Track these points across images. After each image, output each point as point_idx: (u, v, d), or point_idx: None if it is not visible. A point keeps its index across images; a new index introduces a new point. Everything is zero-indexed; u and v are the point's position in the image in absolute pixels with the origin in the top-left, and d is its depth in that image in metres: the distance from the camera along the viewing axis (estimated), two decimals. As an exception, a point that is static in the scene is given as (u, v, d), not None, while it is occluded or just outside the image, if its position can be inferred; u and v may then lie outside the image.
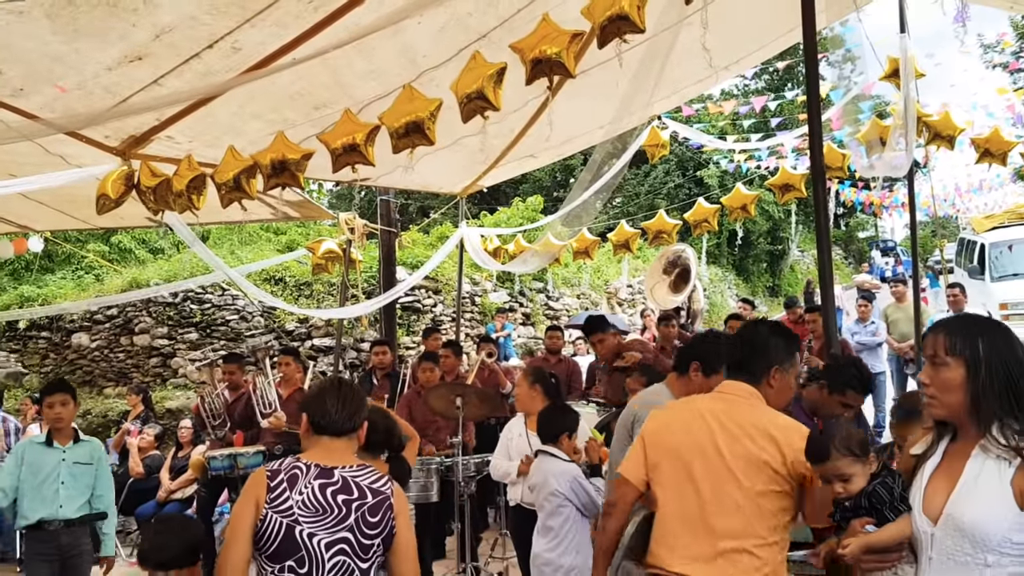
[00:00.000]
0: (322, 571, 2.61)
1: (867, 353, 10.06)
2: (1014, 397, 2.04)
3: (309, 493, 2.64)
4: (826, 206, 3.22)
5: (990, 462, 2.04)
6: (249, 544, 2.60)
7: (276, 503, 2.62)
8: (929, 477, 2.18)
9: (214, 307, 13.61)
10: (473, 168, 7.93)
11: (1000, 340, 2.12)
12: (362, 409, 2.85)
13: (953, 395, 2.11)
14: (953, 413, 2.14)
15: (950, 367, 2.12)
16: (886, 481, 2.53)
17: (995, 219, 18.99)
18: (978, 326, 2.17)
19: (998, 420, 2.04)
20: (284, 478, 2.66)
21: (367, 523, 2.68)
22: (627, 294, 20.62)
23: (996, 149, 6.25)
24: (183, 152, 4.91)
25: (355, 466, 2.77)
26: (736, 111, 14.13)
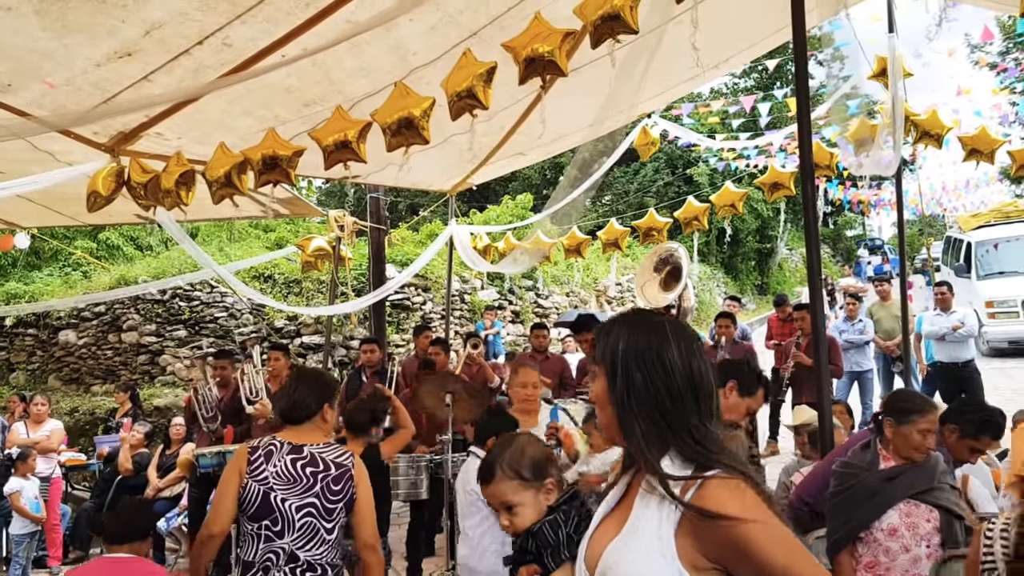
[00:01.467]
0: (292, 530, 3.18)
1: (855, 351, 10.11)
2: (662, 416, 1.58)
3: (282, 466, 3.23)
4: (815, 203, 3.23)
5: (653, 504, 1.56)
6: (234, 505, 3.19)
7: (255, 473, 3.21)
8: (602, 517, 1.69)
9: (203, 304, 13.56)
10: (463, 166, 7.93)
11: (643, 339, 1.63)
12: (320, 397, 3.37)
13: (603, 412, 1.68)
14: (610, 434, 1.67)
15: (597, 377, 1.69)
16: (556, 518, 2.08)
17: (981, 218, 19.14)
18: (624, 324, 1.69)
19: (655, 446, 1.58)
20: (262, 453, 3.25)
21: (331, 491, 3.24)
22: (616, 292, 20.65)
23: (984, 147, 6.28)
24: (172, 149, 4.90)
25: (322, 444, 3.34)
26: (725, 110, 14.18)
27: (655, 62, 5.15)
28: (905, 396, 3.75)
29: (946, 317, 9.59)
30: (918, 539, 3.26)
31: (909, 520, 3.28)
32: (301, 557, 3.18)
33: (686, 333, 1.66)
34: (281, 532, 3.17)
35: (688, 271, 9.12)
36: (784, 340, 9.21)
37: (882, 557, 3.29)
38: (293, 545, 3.17)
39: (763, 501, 1.51)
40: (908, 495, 3.30)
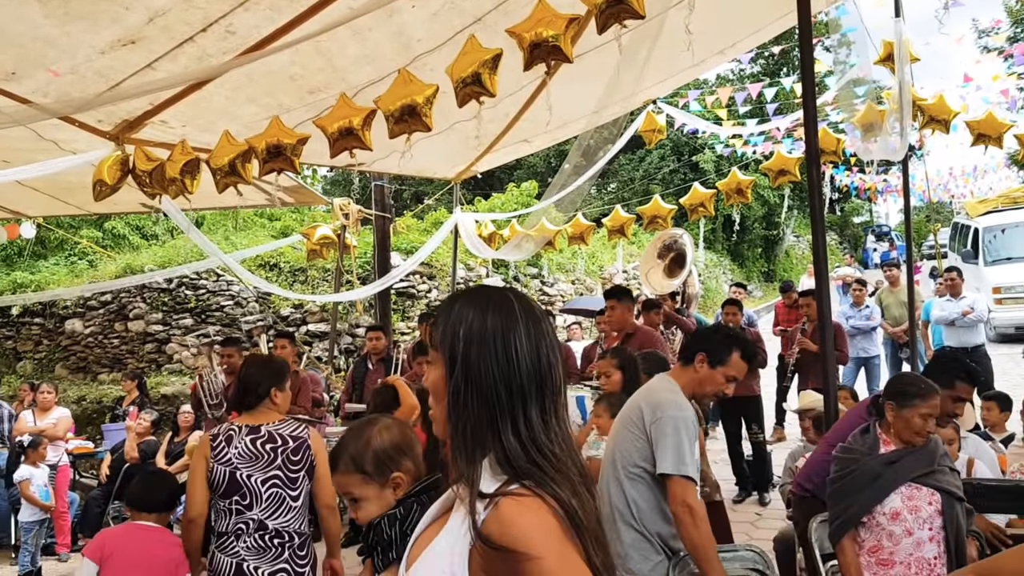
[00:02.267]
0: (260, 501, 3.55)
1: (861, 337, 10.10)
2: (493, 411, 1.34)
3: (243, 446, 3.61)
4: (820, 189, 3.21)
5: (460, 514, 1.34)
6: (205, 489, 3.59)
7: (219, 457, 3.59)
8: (429, 521, 1.48)
9: (209, 293, 13.58)
10: (467, 153, 7.92)
11: (488, 319, 1.38)
12: (269, 382, 3.71)
13: (437, 404, 1.43)
14: (439, 430, 1.44)
15: (433, 365, 1.45)
16: (395, 513, 1.97)
17: (988, 203, 19.06)
18: (467, 301, 1.43)
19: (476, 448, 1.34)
20: (223, 439, 3.64)
21: (291, 462, 3.63)
22: (622, 279, 20.63)
23: (991, 132, 6.25)
24: (177, 137, 4.90)
25: (277, 421, 3.73)
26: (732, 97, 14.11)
27: (658, 48, 5.14)
28: (908, 380, 3.75)
29: (956, 302, 9.59)
30: (920, 522, 3.27)
31: (911, 503, 3.29)
32: (270, 525, 3.55)
33: (535, 312, 1.41)
34: (250, 505, 3.54)
35: (693, 257, 9.12)
36: (790, 327, 9.20)
37: (885, 541, 3.30)
38: (262, 515, 3.54)
39: (562, 528, 1.26)
40: (910, 478, 3.31)
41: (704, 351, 3.39)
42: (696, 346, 3.45)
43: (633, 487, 3.29)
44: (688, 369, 3.43)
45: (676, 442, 3.18)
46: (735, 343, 3.41)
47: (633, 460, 3.30)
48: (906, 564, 3.27)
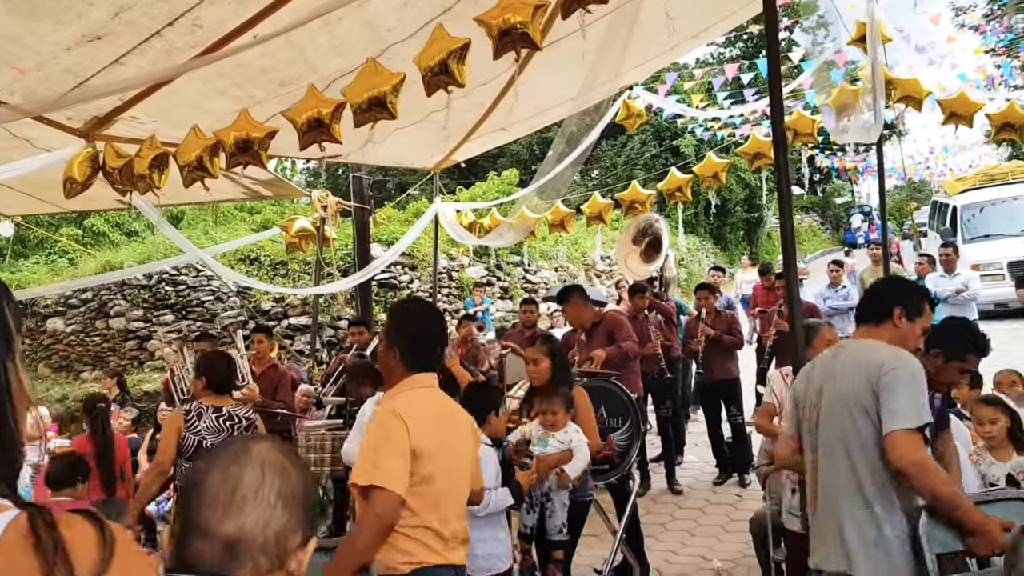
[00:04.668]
0: None
1: (839, 317, 10.17)
2: None
3: (210, 422, 4.74)
4: (787, 172, 3.22)
5: None
6: (174, 451, 4.64)
7: (191, 428, 4.70)
8: None
9: (189, 288, 13.53)
10: (445, 143, 7.89)
11: None
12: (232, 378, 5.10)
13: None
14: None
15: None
16: None
17: (967, 181, 19.17)
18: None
19: None
20: (195, 414, 4.76)
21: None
22: (604, 266, 20.67)
23: (963, 111, 6.27)
24: (148, 132, 4.86)
25: (233, 405, 4.94)
26: (709, 80, 14.13)
27: (635, 33, 5.13)
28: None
29: (950, 279, 9.66)
30: None
31: None
32: None
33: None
34: None
35: (669, 241, 9.15)
36: (768, 308, 9.25)
37: None
38: None
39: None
40: None
41: (901, 305, 3.14)
42: (889, 301, 3.18)
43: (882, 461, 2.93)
44: (885, 327, 3.15)
45: (913, 391, 2.89)
46: (922, 293, 3.26)
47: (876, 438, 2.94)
48: None
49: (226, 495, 1.29)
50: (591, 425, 4.54)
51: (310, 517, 1.36)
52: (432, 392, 3.03)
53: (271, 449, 1.37)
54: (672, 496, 7.60)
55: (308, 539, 1.35)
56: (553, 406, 4.30)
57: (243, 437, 1.27)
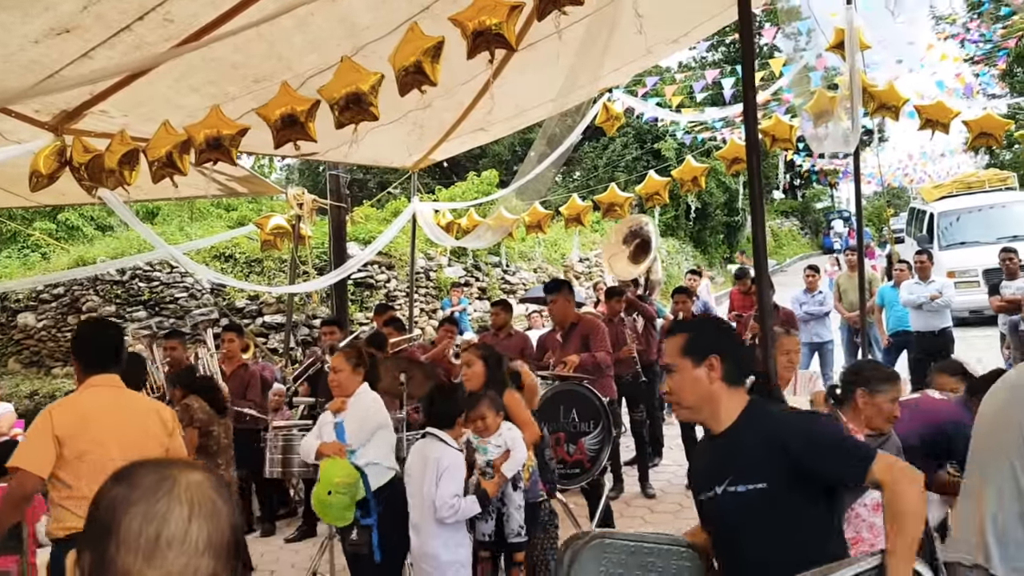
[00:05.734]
0: None
1: (815, 322, 10.24)
2: None
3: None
4: (760, 175, 3.20)
5: None
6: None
7: None
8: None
9: (163, 285, 13.39)
10: (423, 142, 7.85)
11: None
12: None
13: None
14: None
15: None
16: None
17: (944, 188, 19.35)
18: None
19: None
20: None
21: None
22: (583, 268, 20.68)
23: (940, 117, 6.32)
24: (118, 127, 4.78)
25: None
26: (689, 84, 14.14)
27: (614, 36, 5.11)
28: (874, 366, 3.77)
29: (924, 286, 9.73)
30: None
31: None
32: None
33: None
34: None
35: (657, 244, 9.15)
36: (745, 312, 9.27)
37: (865, 533, 3.28)
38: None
39: None
40: None
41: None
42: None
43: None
44: None
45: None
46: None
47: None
48: None
49: (148, 540, 1.13)
50: (525, 417, 4.49)
51: (237, 560, 1.22)
52: (101, 389, 3.68)
53: (200, 482, 1.21)
54: (645, 500, 7.59)
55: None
56: (480, 412, 4.28)
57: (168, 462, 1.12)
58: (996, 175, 19.60)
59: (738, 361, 2.53)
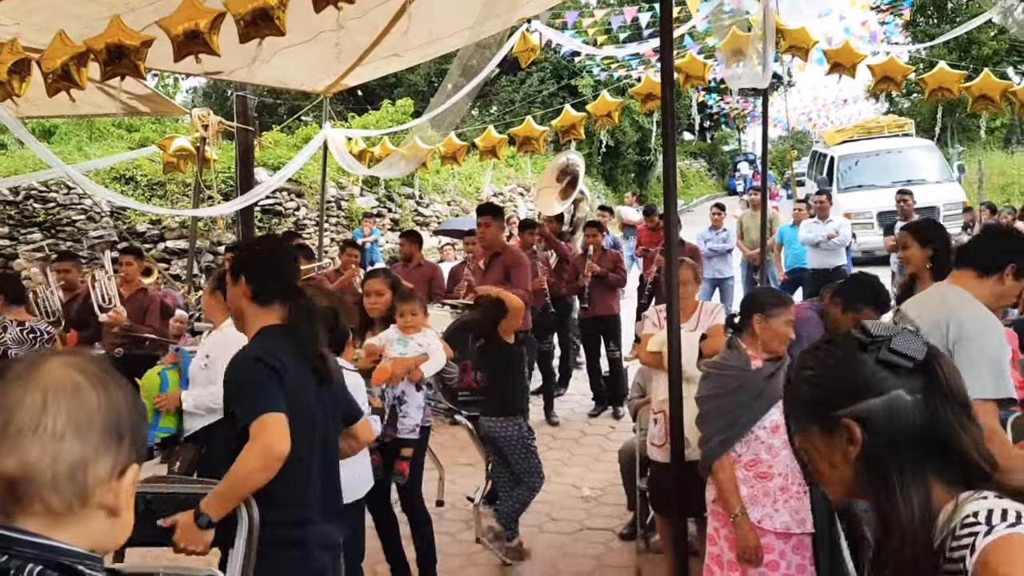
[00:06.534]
0: None
1: (717, 259, 10.59)
2: None
3: (15, 333, 5.37)
4: (673, 108, 3.25)
5: None
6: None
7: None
8: None
9: (59, 206, 12.84)
10: (336, 66, 7.63)
11: None
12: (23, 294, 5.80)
13: None
14: None
15: None
16: None
17: (845, 133, 19.95)
18: None
19: None
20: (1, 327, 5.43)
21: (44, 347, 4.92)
22: (498, 202, 20.66)
23: (846, 61, 6.48)
24: (9, 35, 4.51)
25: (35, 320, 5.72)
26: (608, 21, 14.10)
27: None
28: (766, 292, 3.93)
29: (823, 225, 10.16)
30: None
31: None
32: None
33: None
34: None
35: (583, 181, 9.19)
36: (652, 248, 9.48)
37: (764, 455, 3.39)
38: None
39: None
40: None
41: (1017, 263, 2.98)
42: (1005, 256, 3.02)
43: None
44: (989, 280, 3.01)
45: (992, 361, 2.80)
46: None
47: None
48: (783, 475, 3.39)
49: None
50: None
51: (127, 441, 1.14)
52: None
53: (62, 367, 1.12)
54: (549, 427, 7.79)
55: (127, 468, 1.14)
56: (413, 307, 4.45)
57: (28, 356, 1.08)
58: (894, 121, 20.29)
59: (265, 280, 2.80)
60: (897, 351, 1.32)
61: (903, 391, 1.31)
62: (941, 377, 1.33)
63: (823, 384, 1.39)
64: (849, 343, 1.39)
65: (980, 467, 1.30)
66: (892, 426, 1.30)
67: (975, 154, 22.90)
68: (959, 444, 1.30)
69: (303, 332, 2.76)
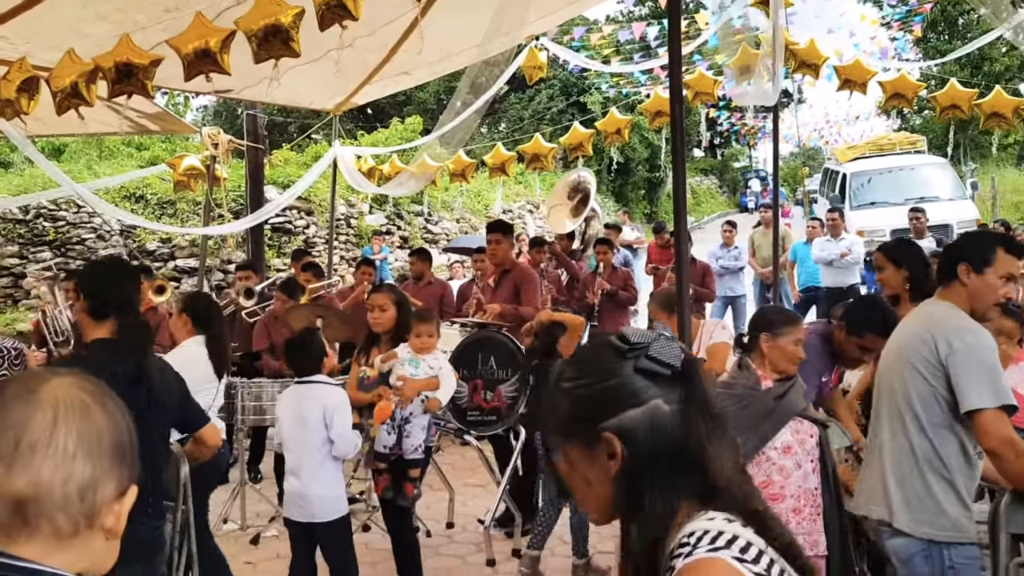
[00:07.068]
0: None
1: (729, 276, 10.52)
2: None
3: None
4: (682, 123, 3.20)
5: None
6: None
7: None
8: None
9: (69, 225, 12.89)
10: (346, 84, 7.64)
11: None
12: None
13: None
14: None
15: None
16: None
17: (857, 150, 19.86)
18: None
19: None
20: None
21: None
22: (507, 219, 20.68)
23: (857, 78, 6.45)
24: (19, 54, 4.51)
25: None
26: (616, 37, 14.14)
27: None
28: (774, 310, 3.86)
29: (835, 243, 10.06)
30: (806, 454, 3.30)
31: (799, 436, 3.30)
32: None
33: None
34: None
35: (595, 199, 9.16)
36: (662, 265, 9.43)
37: (775, 476, 3.30)
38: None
39: None
40: (796, 412, 3.32)
41: (964, 260, 3.01)
42: (954, 258, 3.08)
43: (938, 434, 2.92)
44: (954, 287, 3.05)
45: (986, 370, 2.81)
46: (994, 239, 3.13)
47: (934, 406, 2.92)
48: (795, 497, 3.30)
49: (8, 445, 1.03)
50: None
51: (128, 462, 1.12)
52: None
53: (68, 386, 1.10)
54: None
55: (127, 488, 1.12)
56: (428, 327, 4.41)
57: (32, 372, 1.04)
58: (907, 138, 20.21)
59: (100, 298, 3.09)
60: (655, 358, 1.26)
61: (661, 401, 1.25)
62: (698, 387, 1.27)
63: (582, 396, 1.31)
64: (608, 352, 1.32)
65: (723, 484, 1.24)
66: (651, 437, 1.24)
67: (988, 171, 22.81)
68: (706, 458, 1.24)
69: (127, 344, 3.04)
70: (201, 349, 4.24)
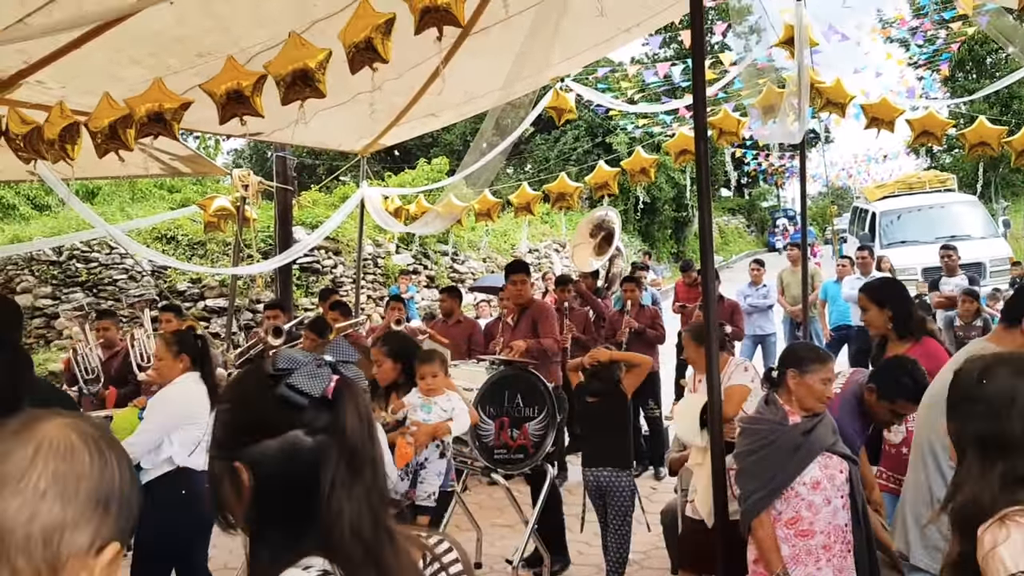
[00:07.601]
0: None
1: (758, 315, 10.42)
2: None
3: None
4: (707, 161, 3.20)
5: None
6: None
7: None
8: None
9: (101, 266, 13.09)
10: (373, 126, 7.76)
11: None
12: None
13: None
14: None
15: None
16: None
17: (886, 188, 19.75)
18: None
19: None
20: None
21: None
22: (532, 258, 20.71)
23: (884, 116, 6.43)
24: (55, 99, 4.62)
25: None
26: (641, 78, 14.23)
27: (565, 23, 5.09)
28: (805, 347, 3.84)
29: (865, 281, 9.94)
30: (835, 490, 3.29)
31: (827, 472, 3.29)
32: None
33: None
34: None
35: (619, 238, 9.18)
36: (690, 304, 9.38)
37: (804, 512, 3.29)
38: None
39: None
40: (825, 447, 3.31)
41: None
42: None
43: None
44: (1014, 332, 3.05)
45: None
46: None
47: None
48: (825, 533, 3.29)
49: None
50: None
51: (113, 515, 1.04)
52: None
53: (60, 427, 1.05)
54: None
55: (106, 544, 1.02)
56: (433, 368, 4.34)
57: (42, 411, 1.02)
58: (936, 176, 20.07)
59: None
60: (294, 387, 1.21)
61: (303, 432, 1.20)
62: (341, 420, 1.22)
63: (226, 422, 1.27)
64: (253, 378, 1.28)
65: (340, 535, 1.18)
66: (283, 471, 1.19)
67: (1020, 209, 22.56)
68: (324, 503, 1.19)
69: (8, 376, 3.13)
70: (200, 386, 4.27)
